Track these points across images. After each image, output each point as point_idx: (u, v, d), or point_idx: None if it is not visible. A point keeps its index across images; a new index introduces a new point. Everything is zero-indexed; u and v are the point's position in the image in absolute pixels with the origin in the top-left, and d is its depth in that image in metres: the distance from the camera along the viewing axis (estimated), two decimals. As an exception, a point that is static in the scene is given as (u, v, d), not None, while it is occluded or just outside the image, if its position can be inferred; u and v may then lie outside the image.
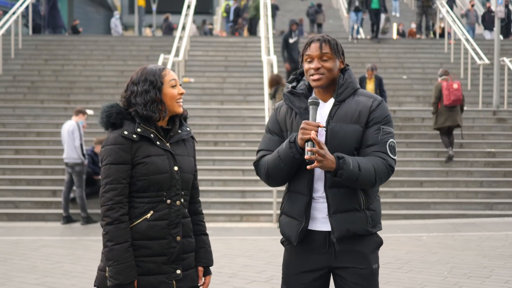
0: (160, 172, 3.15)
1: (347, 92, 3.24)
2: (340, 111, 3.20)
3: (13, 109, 15.29)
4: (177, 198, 3.20)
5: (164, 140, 3.23)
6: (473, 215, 11.35)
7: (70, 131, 11.04)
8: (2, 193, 11.94)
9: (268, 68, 14.46)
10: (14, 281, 6.99)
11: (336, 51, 3.23)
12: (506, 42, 20.14)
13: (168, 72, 3.24)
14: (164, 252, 3.16)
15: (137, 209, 3.16)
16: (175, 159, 3.21)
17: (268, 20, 18.24)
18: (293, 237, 3.23)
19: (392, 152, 3.18)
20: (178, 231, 3.19)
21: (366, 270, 3.21)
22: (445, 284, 6.75)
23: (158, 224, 3.15)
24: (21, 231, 10.35)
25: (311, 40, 3.26)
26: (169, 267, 3.17)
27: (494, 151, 13.36)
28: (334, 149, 3.11)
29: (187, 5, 19.24)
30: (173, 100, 3.22)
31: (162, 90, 3.19)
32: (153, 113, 3.16)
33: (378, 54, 19.02)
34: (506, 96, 15.61)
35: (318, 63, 3.20)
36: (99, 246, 9.90)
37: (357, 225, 3.17)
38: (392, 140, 3.20)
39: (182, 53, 16.45)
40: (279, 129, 3.31)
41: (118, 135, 3.13)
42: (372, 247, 3.25)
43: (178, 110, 3.25)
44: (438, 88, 12.60)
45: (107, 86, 16.73)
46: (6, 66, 17.31)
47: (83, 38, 19.91)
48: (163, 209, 3.16)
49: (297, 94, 3.29)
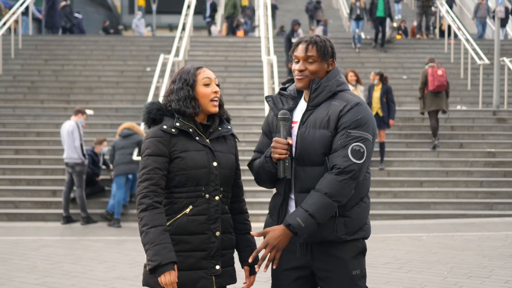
0: (198, 167, 3.18)
1: (322, 96, 3.19)
2: (311, 117, 3.18)
3: (13, 109, 15.30)
4: (216, 193, 3.23)
5: (204, 136, 3.26)
6: (473, 215, 11.35)
7: (70, 132, 11.05)
8: (2, 193, 11.94)
9: (268, 68, 14.45)
10: (14, 281, 6.99)
11: (323, 54, 3.19)
12: (506, 42, 20.14)
13: (203, 71, 3.29)
14: (204, 247, 3.18)
15: (176, 205, 3.19)
16: (214, 154, 3.24)
17: (268, 20, 18.24)
18: None
19: (354, 156, 3.05)
20: (217, 226, 3.21)
21: (345, 275, 3.17)
22: (445, 284, 6.74)
23: (197, 219, 3.18)
24: (21, 231, 10.35)
25: (300, 41, 3.25)
26: (209, 262, 3.19)
27: (494, 151, 13.37)
28: (302, 154, 3.15)
29: (187, 5, 19.24)
30: (206, 99, 3.25)
31: (195, 88, 3.24)
32: (187, 108, 3.22)
33: (378, 54, 19.02)
34: (506, 96, 15.62)
35: (302, 65, 3.20)
36: (99, 246, 9.90)
37: (323, 231, 3.13)
38: (358, 144, 3.06)
39: (182, 53, 16.45)
40: (269, 131, 3.36)
41: (158, 129, 3.22)
42: (352, 253, 3.19)
43: (212, 110, 3.27)
44: (424, 75, 13.31)
45: (107, 86, 16.73)
46: (6, 66, 17.31)
47: (83, 38, 19.91)
48: (202, 204, 3.19)
49: (285, 95, 3.32)
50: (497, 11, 15.81)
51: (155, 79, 14.48)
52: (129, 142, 11.10)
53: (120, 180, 10.94)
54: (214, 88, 3.27)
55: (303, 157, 3.15)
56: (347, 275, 3.17)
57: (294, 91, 3.31)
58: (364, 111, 3.14)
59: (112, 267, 7.71)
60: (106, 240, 9.75)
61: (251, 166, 3.36)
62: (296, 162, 3.17)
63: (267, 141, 3.34)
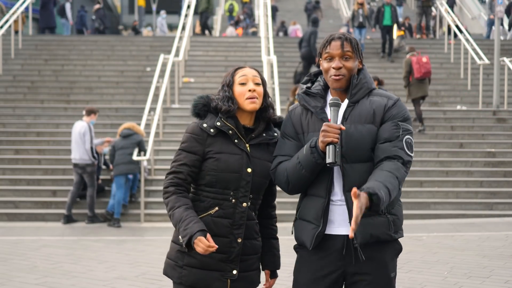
0: (229, 170, 3.15)
1: (362, 92, 3.11)
2: (354, 112, 3.07)
3: (13, 109, 15.30)
4: (244, 200, 3.17)
5: (244, 140, 3.22)
6: (473, 215, 11.35)
7: (82, 133, 10.99)
8: (2, 193, 11.94)
9: (268, 68, 14.45)
10: (14, 281, 6.99)
11: (356, 51, 3.11)
12: (506, 42, 20.13)
13: (241, 70, 3.26)
14: (224, 250, 3.14)
15: (203, 203, 3.19)
16: (250, 160, 3.19)
17: (268, 20, 18.24)
18: (308, 241, 3.08)
19: (409, 149, 3.02)
20: (240, 232, 3.17)
21: (384, 278, 3.07)
22: (445, 284, 6.75)
23: (221, 222, 3.15)
24: (21, 231, 10.34)
25: (332, 38, 3.12)
26: (227, 265, 3.16)
27: (494, 151, 13.37)
28: (350, 151, 3.01)
29: (187, 5, 19.24)
30: (242, 97, 3.21)
31: (232, 88, 3.23)
32: (223, 105, 3.20)
33: (378, 54, 19.01)
34: (506, 96, 15.62)
35: (339, 62, 3.07)
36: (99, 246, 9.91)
37: (379, 229, 3.03)
38: (409, 137, 3.05)
39: (182, 53, 16.45)
40: (295, 132, 3.18)
41: (197, 126, 3.22)
42: (392, 254, 3.13)
43: (248, 107, 3.21)
44: (408, 63, 13.97)
45: (107, 86, 16.73)
46: (6, 66, 17.31)
47: (83, 38, 19.91)
48: (228, 208, 3.16)
49: (312, 94, 3.17)
50: (497, 11, 15.81)
51: (155, 79, 14.47)
52: (129, 142, 11.07)
53: (120, 180, 10.94)
54: (250, 86, 3.21)
55: (351, 154, 3.02)
56: (387, 277, 3.08)
57: (320, 90, 3.18)
58: (405, 107, 3.14)
59: (112, 267, 7.71)
60: (106, 240, 9.75)
61: (276, 171, 3.16)
62: (343, 160, 3.02)
63: (292, 143, 3.17)
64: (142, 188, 11.25)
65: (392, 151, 3.00)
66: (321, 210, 3.05)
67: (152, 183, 12.02)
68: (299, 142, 3.15)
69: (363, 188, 2.85)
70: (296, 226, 3.18)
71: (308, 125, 3.14)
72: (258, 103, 3.22)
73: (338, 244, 3.05)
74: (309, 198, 3.13)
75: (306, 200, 3.15)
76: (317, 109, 3.13)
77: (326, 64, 3.11)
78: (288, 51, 18.56)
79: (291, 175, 3.07)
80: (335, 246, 3.05)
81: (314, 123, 3.12)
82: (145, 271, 7.49)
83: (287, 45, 19.37)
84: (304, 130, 3.15)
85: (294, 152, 3.13)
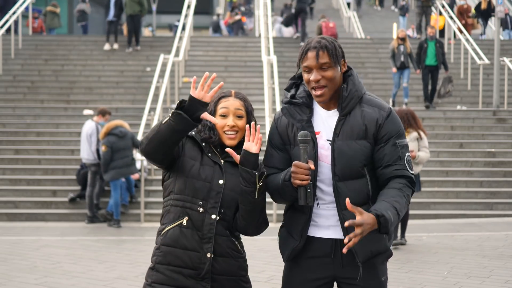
0: (199, 178, 3.05)
1: (352, 103, 3.02)
2: (346, 127, 2.99)
3: (13, 109, 15.30)
4: (214, 211, 3.04)
5: (218, 155, 3.12)
6: (473, 215, 11.36)
7: (89, 134, 10.99)
8: (2, 193, 11.94)
9: (268, 68, 14.45)
10: (14, 281, 6.99)
11: (335, 57, 2.98)
12: (506, 42, 20.13)
13: (224, 101, 3.12)
14: (194, 265, 3.03)
15: (172, 214, 3.08)
16: (222, 173, 3.08)
17: (268, 20, 18.25)
18: (286, 254, 3.12)
19: (410, 168, 3.03)
20: (209, 247, 3.02)
21: (375, 282, 3.07)
22: (445, 284, 6.75)
23: (192, 234, 3.03)
24: (21, 231, 10.34)
25: (308, 48, 3.00)
26: (198, 283, 3.03)
27: (494, 151, 13.37)
28: (343, 169, 2.98)
29: (187, 5, 19.24)
30: (221, 130, 3.10)
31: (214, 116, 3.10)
32: (204, 134, 3.11)
33: (378, 54, 19.00)
34: (506, 96, 15.62)
35: (317, 74, 2.96)
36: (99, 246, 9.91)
37: (379, 244, 3.03)
38: (408, 154, 3.03)
39: (182, 53, 16.45)
40: (282, 143, 3.10)
41: None
42: (382, 258, 3.11)
43: (226, 143, 3.09)
44: (318, 27, 17.31)
45: (107, 86, 16.73)
46: (6, 66, 17.31)
47: (83, 38, 19.90)
48: (197, 219, 3.04)
49: (298, 104, 3.07)
50: (497, 11, 15.81)
51: (155, 79, 14.48)
52: (126, 143, 10.74)
53: (116, 182, 10.80)
54: (229, 121, 3.08)
55: (344, 172, 2.97)
56: (377, 281, 3.08)
57: (305, 97, 3.07)
58: (397, 117, 3.08)
59: (112, 267, 7.71)
60: (106, 240, 9.75)
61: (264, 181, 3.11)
62: (337, 178, 2.98)
63: (279, 155, 3.10)
64: (142, 188, 11.25)
65: (397, 172, 3.00)
66: (301, 226, 3.05)
67: (152, 183, 12.02)
68: (286, 153, 3.09)
69: (371, 210, 2.85)
70: (280, 233, 3.19)
71: (294, 138, 3.05)
72: (238, 138, 3.11)
73: (326, 248, 3.05)
74: (293, 211, 3.12)
75: (291, 212, 3.14)
76: (303, 123, 3.04)
77: (305, 75, 3.02)
78: (288, 51, 18.55)
79: (274, 194, 3.07)
80: (324, 249, 3.05)
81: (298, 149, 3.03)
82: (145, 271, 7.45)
83: (287, 45, 19.36)
84: (291, 142, 3.08)
85: (281, 165, 3.09)
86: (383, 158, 3.00)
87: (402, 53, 15.20)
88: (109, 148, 10.63)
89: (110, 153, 10.63)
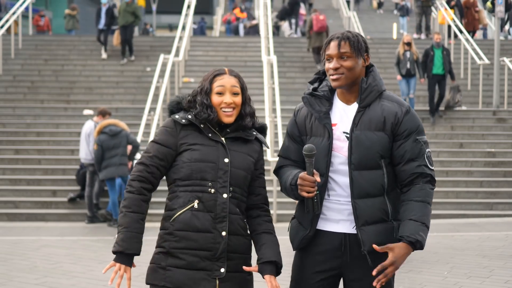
0: (204, 160, 3.07)
1: (371, 96, 3.09)
2: (365, 118, 3.06)
3: (13, 109, 15.30)
4: (224, 190, 3.07)
5: (218, 134, 3.14)
6: (473, 215, 11.36)
7: (87, 134, 10.99)
8: (2, 193, 11.94)
9: (268, 68, 14.44)
10: (14, 281, 6.99)
11: (357, 49, 3.06)
12: (506, 42, 20.13)
13: (220, 78, 3.14)
14: (209, 246, 3.03)
15: (181, 198, 3.08)
16: (226, 151, 3.10)
17: (268, 20, 18.25)
18: (295, 243, 3.18)
19: (431, 164, 3.08)
20: (224, 225, 3.04)
21: None
22: (445, 284, 6.75)
23: (204, 216, 3.04)
24: (21, 231, 10.35)
25: (331, 39, 3.11)
26: (213, 264, 3.05)
27: (494, 151, 13.37)
28: (359, 158, 3.03)
29: (187, 5, 19.24)
30: (218, 107, 3.12)
31: (210, 96, 3.13)
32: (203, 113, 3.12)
33: (378, 54, 19.00)
34: (506, 96, 15.61)
35: (336, 63, 3.05)
36: (99, 246, 9.90)
37: (386, 236, 3.04)
38: (428, 150, 3.09)
39: (182, 53, 16.46)
40: (298, 133, 3.19)
41: (170, 119, 3.17)
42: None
43: (224, 120, 3.13)
44: (309, 20, 17.96)
45: (107, 86, 16.73)
46: (6, 66, 17.31)
47: (83, 38, 19.90)
48: (209, 200, 3.05)
49: (318, 96, 3.14)
50: (497, 11, 15.81)
51: (155, 79, 14.47)
52: (119, 141, 10.58)
53: (111, 181, 10.77)
54: (226, 98, 3.11)
55: (361, 161, 3.03)
56: None
57: (327, 91, 3.15)
58: (415, 114, 3.14)
59: (112, 267, 7.70)
60: (106, 240, 9.75)
61: (277, 174, 3.24)
62: (352, 167, 3.03)
63: (294, 147, 3.19)
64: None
65: (418, 169, 3.05)
66: (311, 216, 3.11)
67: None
68: (302, 145, 3.12)
69: (403, 236, 2.95)
70: (291, 224, 3.26)
71: (311, 129, 3.14)
72: (234, 115, 3.15)
73: (335, 242, 3.09)
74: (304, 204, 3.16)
75: (301, 205, 3.19)
76: (321, 113, 3.11)
77: (327, 64, 3.11)
78: (288, 51, 18.56)
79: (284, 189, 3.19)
80: (333, 243, 3.09)
81: (317, 128, 3.12)
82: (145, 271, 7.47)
83: (287, 45, 19.37)
84: (308, 133, 3.16)
85: (296, 157, 3.18)
86: (403, 154, 3.05)
87: (408, 60, 14.32)
88: (99, 146, 10.53)
89: (100, 151, 10.52)
